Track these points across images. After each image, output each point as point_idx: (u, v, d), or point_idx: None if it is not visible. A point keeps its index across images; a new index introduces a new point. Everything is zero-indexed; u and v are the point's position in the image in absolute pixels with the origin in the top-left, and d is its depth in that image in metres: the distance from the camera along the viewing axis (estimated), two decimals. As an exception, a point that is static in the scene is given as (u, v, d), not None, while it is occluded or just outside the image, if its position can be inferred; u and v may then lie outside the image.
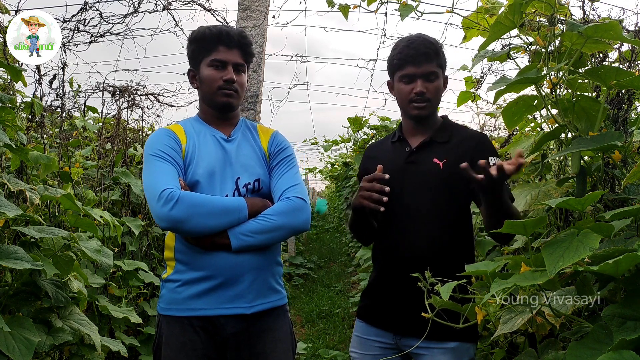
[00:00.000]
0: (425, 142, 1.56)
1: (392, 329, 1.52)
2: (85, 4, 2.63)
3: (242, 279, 1.45)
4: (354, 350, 1.62)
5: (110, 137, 3.25)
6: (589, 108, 1.45)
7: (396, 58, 1.55)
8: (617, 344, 0.85)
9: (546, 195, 1.48)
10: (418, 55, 1.50)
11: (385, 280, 1.55)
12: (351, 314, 4.92)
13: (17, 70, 1.78)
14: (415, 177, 1.53)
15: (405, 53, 1.52)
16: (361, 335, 1.60)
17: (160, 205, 1.34)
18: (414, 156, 1.56)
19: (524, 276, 1.00)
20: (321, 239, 11.64)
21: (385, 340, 1.54)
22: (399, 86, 1.57)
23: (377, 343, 1.56)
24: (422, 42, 1.52)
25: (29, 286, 1.66)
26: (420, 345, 1.45)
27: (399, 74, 1.55)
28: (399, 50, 1.55)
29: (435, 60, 1.52)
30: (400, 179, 1.53)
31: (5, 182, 1.69)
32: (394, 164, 1.57)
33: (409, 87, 1.53)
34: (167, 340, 1.46)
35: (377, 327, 1.56)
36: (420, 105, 1.53)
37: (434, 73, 1.52)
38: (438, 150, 1.54)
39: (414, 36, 1.56)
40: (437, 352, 1.45)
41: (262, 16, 2.74)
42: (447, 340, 1.44)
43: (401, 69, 1.54)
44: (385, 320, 1.54)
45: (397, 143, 1.63)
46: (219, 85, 1.52)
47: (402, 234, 1.52)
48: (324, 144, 8.30)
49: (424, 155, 1.55)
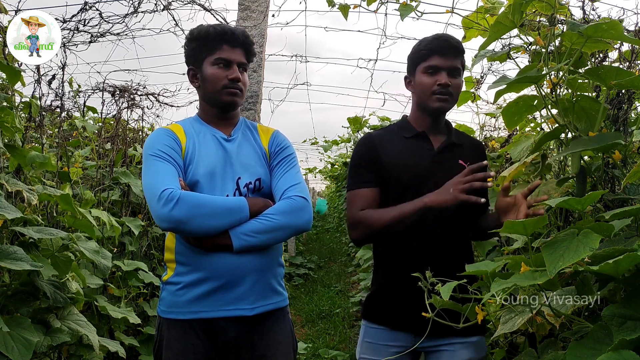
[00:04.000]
0: (448, 143, 1.57)
1: (412, 330, 1.49)
2: (85, 4, 2.63)
3: (243, 280, 1.44)
4: (365, 357, 1.56)
5: (110, 137, 3.25)
6: (589, 108, 1.45)
7: (424, 49, 1.52)
8: (617, 344, 0.85)
9: (546, 195, 1.48)
10: (448, 47, 1.50)
11: (402, 281, 1.49)
12: (351, 314, 4.92)
13: (16, 71, 1.77)
14: (443, 177, 1.48)
15: (435, 44, 1.51)
16: (374, 342, 1.55)
17: (161, 205, 1.32)
18: (439, 156, 1.55)
19: (524, 276, 1.00)
20: (321, 239, 11.63)
21: (402, 343, 1.50)
22: (421, 78, 1.53)
23: (394, 348, 1.51)
24: (450, 36, 1.53)
25: (28, 286, 1.66)
26: (443, 342, 1.47)
27: (423, 65, 1.53)
28: (428, 42, 1.53)
29: (460, 58, 1.53)
30: (426, 177, 1.51)
31: (3, 182, 1.68)
32: (418, 162, 1.55)
33: (433, 78, 1.51)
34: (168, 343, 1.45)
35: (395, 330, 1.52)
36: (444, 98, 1.50)
37: (458, 70, 1.52)
38: (458, 152, 1.55)
39: (443, 33, 1.55)
40: (459, 346, 1.47)
41: (262, 16, 2.74)
42: (469, 335, 1.45)
43: (426, 60, 1.52)
44: (405, 322, 1.50)
45: (414, 140, 1.58)
46: (224, 84, 1.51)
47: (425, 232, 1.49)
48: (323, 144, 8.30)
49: (448, 156, 1.55)
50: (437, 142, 1.58)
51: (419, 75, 1.54)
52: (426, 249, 1.50)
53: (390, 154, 1.56)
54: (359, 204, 1.54)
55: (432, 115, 1.56)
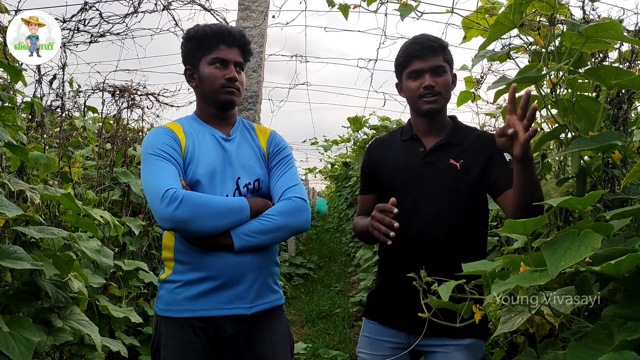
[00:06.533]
0: (441, 143, 1.56)
1: (406, 329, 1.52)
2: (85, 4, 2.63)
3: (243, 279, 1.45)
4: (363, 351, 1.61)
5: (110, 137, 3.25)
6: (589, 108, 1.45)
7: (403, 56, 1.55)
8: (618, 345, 0.85)
9: (546, 195, 1.48)
10: (423, 49, 1.51)
11: (398, 280, 1.53)
12: (351, 314, 4.92)
13: (17, 70, 1.77)
14: (432, 178, 1.52)
15: (412, 49, 1.53)
16: (371, 336, 1.60)
17: (164, 205, 1.32)
18: (429, 157, 1.56)
19: (525, 276, 1.00)
20: (321, 239, 11.64)
21: (397, 340, 1.54)
22: (407, 84, 1.56)
23: (389, 343, 1.55)
24: (426, 37, 1.54)
25: (29, 286, 1.66)
26: (436, 343, 1.47)
27: (406, 71, 1.55)
28: (404, 48, 1.56)
29: (442, 54, 1.53)
30: (415, 179, 1.53)
31: (5, 182, 1.69)
32: (408, 164, 1.57)
33: (417, 82, 1.52)
34: (166, 341, 1.45)
35: (390, 327, 1.56)
36: (431, 99, 1.52)
37: (441, 67, 1.52)
38: (453, 151, 1.54)
39: (418, 35, 1.57)
40: (452, 349, 1.47)
41: (262, 16, 2.74)
42: (462, 337, 1.45)
43: (408, 65, 1.54)
44: (399, 320, 1.53)
45: (409, 142, 1.61)
46: (222, 84, 1.51)
47: (418, 233, 1.51)
48: (323, 144, 8.31)
49: (440, 156, 1.55)
50: (431, 143, 1.58)
51: (405, 81, 1.57)
52: (426, 249, 1.50)
53: (385, 159, 1.63)
54: (358, 209, 1.70)
55: (426, 117, 1.58)
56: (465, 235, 1.52)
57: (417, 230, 1.51)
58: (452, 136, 1.58)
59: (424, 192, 1.52)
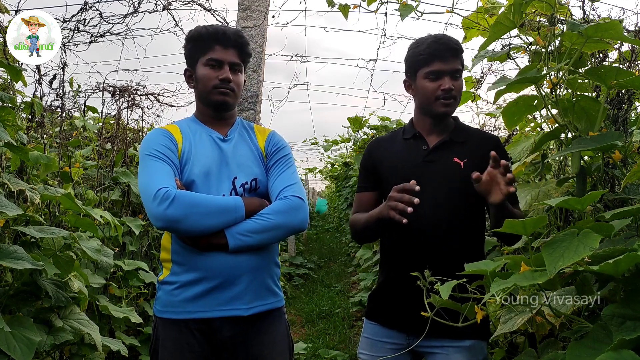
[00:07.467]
0: (444, 141, 1.55)
1: (405, 330, 1.52)
2: (85, 4, 2.63)
3: (239, 280, 1.44)
4: (364, 352, 1.60)
5: (110, 137, 3.25)
6: (589, 108, 1.45)
7: (424, 53, 1.50)
8: (617, 344, 0.86)
9: (546, 195, 1.49)
10: (447, 50, 1.48)
11: (398, 281, 1.53)
12: (351, 314, 4.93)
13: (17, 70, 1.78)
14: (435, 176, 1.51)
15: (434, 48, 1.49)
16: (371, 337, 1.59)
17: (156, 204, 1.32)
18: (432, 155, 1.55)
19: (524, 276, 1.00)
20: (321, 239, 11.64)
21: (397, 341, 1.53)
22: (423, 83, 1.52)
23: (389, 344, 1.55)
24: (449, 38, 1.51)
25: (30, 286, 1.66)
26: (435, 344, 1.46)
27: (424, 70, 1.51)
28: (427, 45, 1.50)
29: (460, 59, 1.52)
30: (418, 177, 1.51)
31: (5, 181, 1.69)
32: (411, 162, 1.56)
33: (436, 84, 1.49)
34: (164, 342, 1.45)
35: (390, 329, 1.55)
36: (448, 102, 1.50)
37: (459, 71, 1.51)
38: (457, 150, 1.54)
39: (440, 34, 1.54)
40: (452, 350, 1.46)
41: (262, 16, 2.74)
42: (462, 338, 1.44)
43: (428, 65, 1.50)
44: (399, 321, 1.53)
45: (412, 140, 1.60)
46: (215, 85, 1.51)
47: (420, 230, 1.50)
48: (324, 144, 8.31)
49: (443, 154, 1.54)
50: (434, 141, 1.57)
51: (421, 80, 1.53)
52: (426, 249, 1.50)
53: (387, 157, 1.61)
54: (355, 207, 1.67)
55: (437, 119, 1.56)
56: (467, 234, 1.52)
57: (419, 227, 1.49)
58: (455, 135, 1.57)
59: (427, 190, 1.51)
